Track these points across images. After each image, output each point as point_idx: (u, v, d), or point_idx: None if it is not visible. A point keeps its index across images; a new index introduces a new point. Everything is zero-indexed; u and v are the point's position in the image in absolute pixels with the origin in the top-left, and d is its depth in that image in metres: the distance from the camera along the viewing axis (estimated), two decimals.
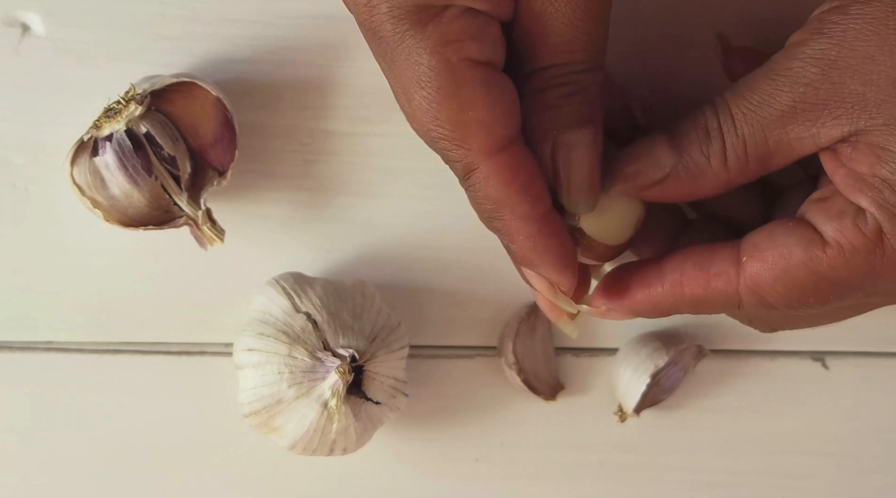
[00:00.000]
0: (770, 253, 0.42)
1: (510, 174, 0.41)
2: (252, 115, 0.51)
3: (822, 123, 0.41)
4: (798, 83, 0.41)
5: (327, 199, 0.52)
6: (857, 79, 0.40)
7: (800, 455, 0.55)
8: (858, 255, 0.41)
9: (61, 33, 0.50)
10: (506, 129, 0.41)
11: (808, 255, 0.42)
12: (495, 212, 0.42)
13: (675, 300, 0.44)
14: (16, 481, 0.53)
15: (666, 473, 0.55)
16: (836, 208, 0.42)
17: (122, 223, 0.48)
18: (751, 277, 0.43)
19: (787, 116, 0.41)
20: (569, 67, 0.42)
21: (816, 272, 0.42)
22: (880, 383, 0.55)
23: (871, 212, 0.41)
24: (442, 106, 0.41)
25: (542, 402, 0.54)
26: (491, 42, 0.41)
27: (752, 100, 0.42)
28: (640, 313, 0.45)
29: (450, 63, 0.40)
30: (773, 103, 0.42)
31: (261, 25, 0.51)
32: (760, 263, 0.42)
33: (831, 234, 0.42)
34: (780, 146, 0.42)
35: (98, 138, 0.48)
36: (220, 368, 0.53)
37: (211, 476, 0.54)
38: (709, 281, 0.43)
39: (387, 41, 0.41)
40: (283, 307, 0.49)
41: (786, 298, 0.42)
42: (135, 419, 0.53)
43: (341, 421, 0.48)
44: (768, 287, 0.42)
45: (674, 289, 0.44)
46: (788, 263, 0.42)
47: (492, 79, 0.41)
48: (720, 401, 0.55)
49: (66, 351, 0.53)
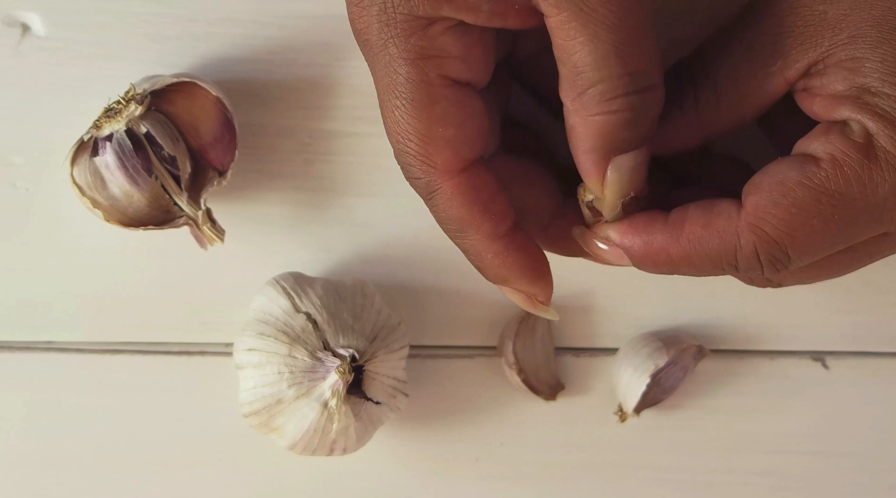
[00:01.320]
0: (766, 183, 0.41)
1: (472, 194, 0.41)
2: (252, 115, 0.51)
3: (787, 54, 0.41)
4: (763, 16, 0.41)
5: (327, 199, 0.52)
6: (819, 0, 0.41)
7: (800, 455, 0.55)
8: (852, 161, 0.40)
9: (61, 33, 0.50)
10: (472, 151, 0.41)
11: (804, 172, 0.41)
12: (460, 231, 0.42)
13: (672, 239, 0.42)
14: (16, 481, 0.53)
15: (666, 473, 0.55)
16: (819, 131, 0.42)
17: (122, 223, 0.48)
18: (750, 210, 0.41)
19: (753, 51, 0.41)
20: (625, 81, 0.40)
21: (814, 187, 0.41)
22: (880, 383, 0.55)
23: (855, 118, 0.40)
24: (413, 118, 0.40)
25: (542, 402, 0.54)
26: (475, 61, 0.41)
27: (717, 45, 0.42)
28: (635, 255, 0.43)
29: (427, 78, 0.40)
30: (738, 41, 0.42)
31: (261, 25, 0.51)
32: (758, 195, 0.41)
33: (821, 148, 0.41)
34: (751, 86, 0.42)
35: (98, 138, 0.48)
36: (220, 368, 0.53)
37: (211, 476, 0.54)
38: (709, 219, 0.42)
39: (370, 45, 0.41)
40: (283, 307, 0.49)
41: (787, 224, 0.41)
42: (135, 419, 0.53)
43: (341, 421, 0.48)
44: (769, 216, 0.41)
45: (674, 228, 0.42)
46: (786, 186, 0.41)
47: (466, 100, 0.41)
48: (720, 401, 0.55)
49: (66, 351, 0.53)
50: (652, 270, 0.44)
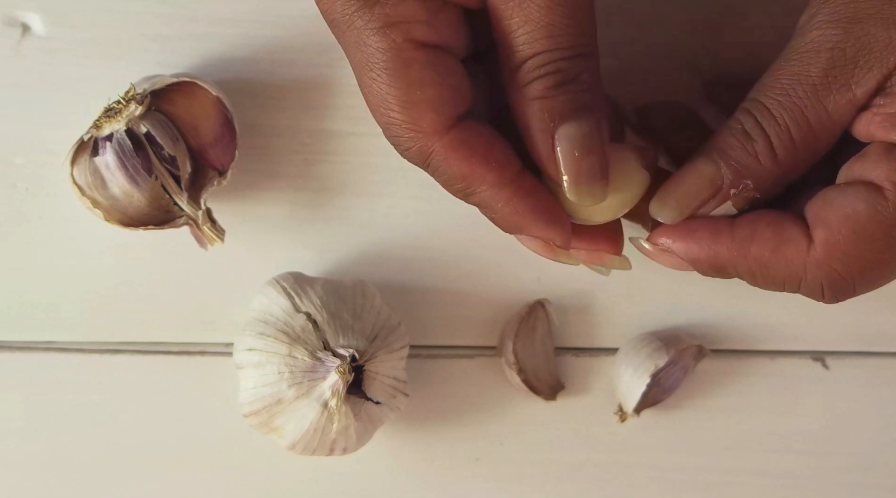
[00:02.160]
0: (833, 217, 0.41)
1: (467, 148, 0.41)
2: (252, 115, 0.51)
3: (855, 81, 0.40)
4: (823, 50, 0.40)
5: (327, 199, 0.52)
6: (879, 24, 0.40)
7: (800, 455, 0.55)
8: None
9: (61, 33, 0.50)
10: (455, 108, 0.41)
11: (872, 205, 0.40)
12: (467, 188, 0.42)
13: (738, 256, 0.42)
14: (16, 481, 0.53)
15: (666, 473, 0.55)
16: (878, 154, 0.41)
17: (122, 223, 0.48)
18: (820, 245, 0.41)
19: (822, 88, 0.41)
20: (554, 54, 0.41)
21: (884, 221, 0.40)
22: (880, 383, 0.55)
23: None
24: (390, 87, 0.41)
25: (542, 402, 0.54)
26: (443, 25, 0.41)
27: (781, 85, 0.41)
28: (697, 263, 0.43)
29: (395, 43, 0.40)
30: (803, 80, 0.41)
31: (261, 25, 0.51)
32: (827, 230, 0.41)
33: (884, 176, 0.40)
34: (822, 122, 0.41)
35: (98, 138, 0.48)
36: (220, 368, 0.53)
37: (211, 476, 0.54)
38: (779, 245, 0.42)
39: (337, 23, 0.41)
40: (283, 307, 0.49)
41: (859, 259, 0.41)
42: (135, 419, 0.53)
43: (341, 421, 0.48)
44: (840, 253, 0.41)
45: (741, 245, 0.42)
46: (855, 221, 0.41)
47: (438, 60, 0.41)
48: (720, 401, 0.55)
49: (66, 351, 0.53)
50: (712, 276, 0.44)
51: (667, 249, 0.44)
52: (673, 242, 0.44)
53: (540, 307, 0.53)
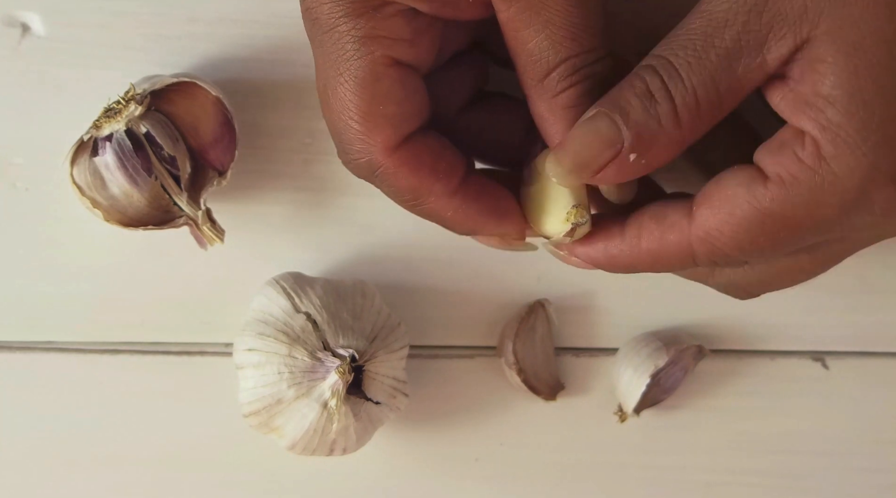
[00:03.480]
0: (716, 198, 0.41)
1: (417, 162, 0.42)
2: (252, 115, 0.51)
3: (767, 48, 0.39)
4: (740, 12, 0.39)
5: (327, 199, 0.52)
6: None
7: (800, 455, 0.55)
8: (799, 184, 0.39)
9: (61, 33, 0.50)
10: (410, 127, 0.42)
11: (750, 192, 0.40)
12: (415, 199, 0.43)
13: (632, 254, 0.43)
14: (16, 481, 0.53)
15: (666, 473, 0.55)
16: (779, 142, 0.40)
17: (122, 223, 0.48)
18: (699, 225, 0.41)
19: (734, 52, 0.39)
20: (581, 59, 0.41)
21: (759, 209, 0.40)
22: (880, 383, 0.55)
23: (811, 133, 0.39)
24: (356, 95, 0.41)
25: (542, 402, 0.54)
26: (422, 46, 0.42)
27: (693, 46, 0.39)
28: (600, 265, 0.44)
29: (374, 57, 0.41)
30: (716, 43, 0.39)
31: (261, 25, 0.51)
32: (708, 208, 0.41)
33: (771, 167, 0.40)
34: (731, 86, 0.40)
35: (98, 138, 0.48)
36: (220, 368, 0.53)
37: (211, 476, 0.54)
38: (663, 233, 0.42)
39: (320, 23, 0.41)
40: (283, 307, 0.49)
41: (735, 241, 0.41)
42: (135, 419, 0.53)
43: (341, 421, 0.48)
44: (716, 232, 0.41)
45: (631, 243, 0.43)
46: (732, 205, 0.41)
47: (407, 78, 0.41)
48: (720, 401, 0.55)
49: (66, 351, 0.53)
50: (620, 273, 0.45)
51: (569, 254, 0.45)
52: (573, 247, 0.44)
53: (540, 307, 0.53)
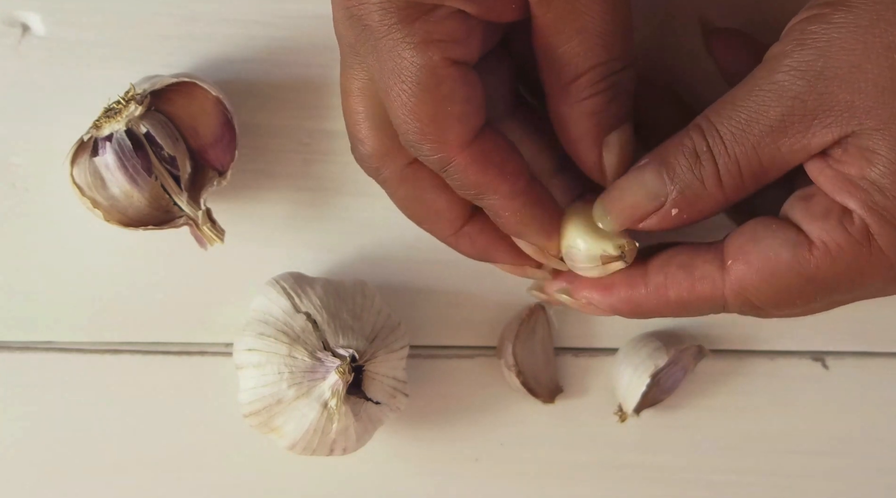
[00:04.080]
0: (755, 256, 0.42)
1: (486, 160, 0.43)
2: (252, 115, 0.51)
3: (812, 133, 0.41)
4: (785, 96, 0.41)
5: (327, 199, 0.52)
6: (844, 88, 0.40)
7: (800, 455, 0.55)
8: (845, 255, 0.41)
9: (61, 33, 0.50)
10: (479, 120, 0.42)
11: (795, 257, 0.41)
12: (479, 195, 0.43)
13: (659, 303, 0.44)
14: (16, 481, 0.53)
15: (666, 473, 0.55)
16: (821, 208, 0.42)
17: (122, 223, 0.48)
18: (736, 280, 0.42)
19: (777, 131, 0.41)
20: (609, 66, 0.42)
21: (803, 274, 0.41)
22: (880, 383, 0.55)
23: (859, 213, 0.41)
24: (420, 101, 0.41)
25: (541, 403, 0.54)
26: (474, 43, 0.42)
27: (739, 117, 0.41)
28: (621, 313, 0.45)
29: (432, 61, 0.41)
30: (761, 120, 0.41)
31: (261, 25, 0.51)
32: (746, 266, 0.42)
33: (817, 234, 0.41)
34: (774, 161, 0.42)
35: (98, 138, 0.48)
36: (220, 368, 0.53)
37: (211, 476, 0.54)
38: (693, 285, 0.43)
39: (371, 31, 0.41)
40: (283, 307, 0.49)
41: (773, 299, 0.42)
42: (135, 419, 0.53)
43: (341, 421, 0.48)
44: (754, 290, 0.42)
45: (658, 292, 0.44)
46: (775, 266, 0.42)
47: (467, 76, 0.42)
48: (720, 401, 0.55)
49: (66, 351, 0.53)
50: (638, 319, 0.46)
51: (588, 302, 0.45)
52: (592, 296, 0.45)
53: (540, 310, 0.53)
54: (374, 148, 0.45)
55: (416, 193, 0.45)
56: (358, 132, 0.45)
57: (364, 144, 0.45)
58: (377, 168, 0.45)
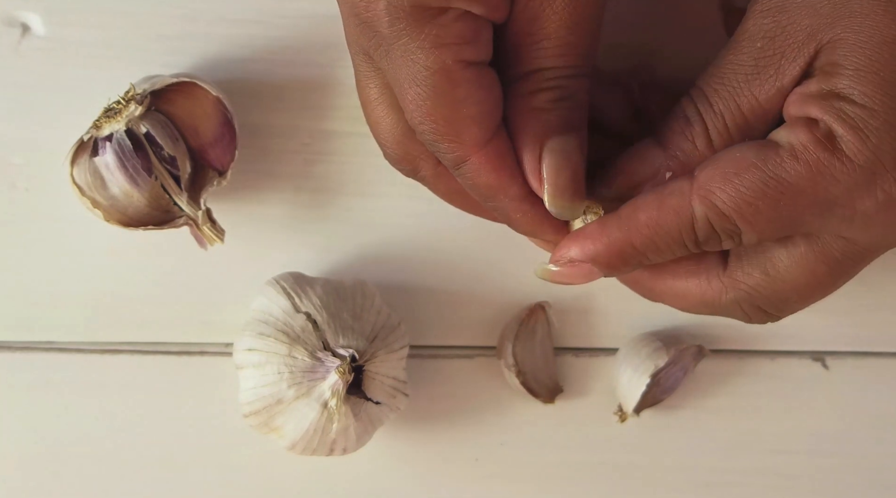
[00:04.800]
0: (722, 159, 0.42)
1: (499, 161, 0.43)
2: (252, 115, 0.51)
3: (782, 72, 0.42)
4: (755, 39, 0.42)
5: (327, 199, 0.52)
6: (803, 13, 0.41)
7: (800, 455, 0.55)
8: (810, 155, 0.41)
9: (61, 33, 0.50)
10: (495, 121, 0.43)
11: (759, 155, 0.41)
12: (490, 196, 0.44)
13: (631, 230, 0.43)
14: (16, 481, 0.53)
15: (666, 474, 0.55)
16: (788, 122, 0.42)
17: (122, 223, 0.48)
18: (700, 182, 0.42)
19: (752, 78, 0.42)
20: (560, 71, 0.42)
21: (766, 172, 0.41)
22: (880, 383, 0.55)
23: (822, 118, 0.41)
24: (436, 104, 0.41)
25: (541, 403, 0.54)
26: (484, 44, 0.42)
27: (720, 74, 0.43)
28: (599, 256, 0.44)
29: (445, 64, 0.41)
30: (738, 69, 0.42)
31: (261, 25, 0.51)
32: (712, 168, 0.42)
33: (784, 138, 0.41)
34: (754, 111, 0.42)
35: (98, 138, 0.48)
36: (220, 368, 0.53)
37: (211, 476, 0.54)
38: (662, 199, 0.43)
39: (382, 37, 0.41)
40: (283, 307, 0.49)
41: (734, 200, 0.41)
42: (134, 419, 0.53)
43: (341, 421, 0.48)
44: (717, 189, 0.41)
45: (629, 220, 0.43)
46: (738, 164, 0.41)
47: (482, 76, 0.42)
48: (720, 401, 0.55)
49: (66, 351, 0.53)
50: (623, 270, 0.44)
51: (569, 259, 0.44)
52: (570, 249, 0.44)
53: (540, 310, 0.53)
54: (404, 152, 0.45)
55: (458, 186, 0.45)
56: (385, 140, 0.45)
57: (394, 150, 0.45)
58: (412, 169, 0.45)
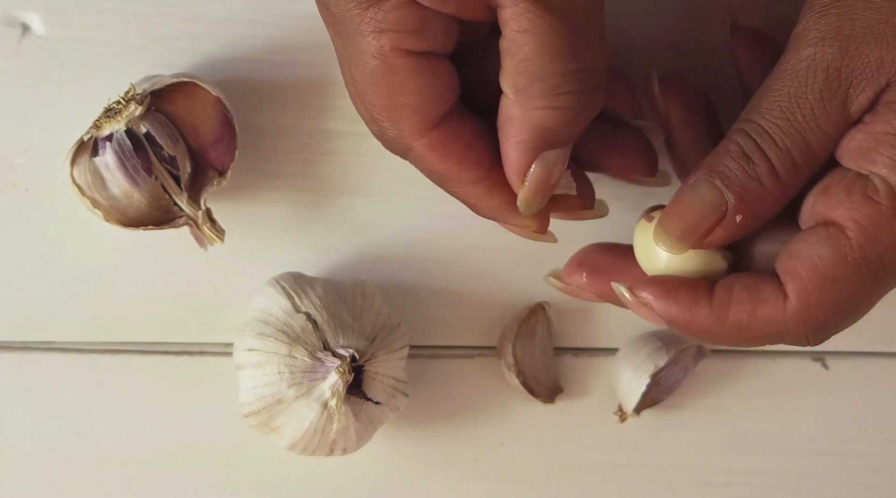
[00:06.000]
0: (802, 268, 0.41)
1: (445, 149, 0.42)
2: (252, 115, 0.51)
3: (850, 102, 0.40)
4: (818, 70, 0.40)
5: (327, 199, 0.52)
6: (872, 44, 0.39)
7: (800, 455, 0.55)
8: (881, 225, 0.40)
9: (61, 33, 0.50)
10: (438, 110, 0.42)
11: (836, 250, 0.40)
12: (442, 183, 0.44)
13: (717, 321, 0.42)
14: (16, 481, 0.53)
15: (666, 474, 0.55)
16: (842, 189, 0.41)
17: (122, 223, 0.48)
18: (796, 299, 0.41)
19: (819, 110, 0.40)
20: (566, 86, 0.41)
21: (851, 262, 0.40)
22: (880, 383, 0.55)
23: (881, 173, 0.40)
24: (374, 89, 0.41)
25: (541, 403, 0.54)
26: (432, 34, 0.41)
27: (779, 106, 0.41)
28: (675, 325, 0.43)
29: (383, 50, 0.41)
30: (801, 103, 0.40)
31: (261, 25, 0.51)
32: (798, 281, 0.41)
33: (846, 215, 0.40)
34: (821, 141, 0.41)
35: (98, 138, 0.48)
36: (220, 368, 0.53)
37: (211, 476, 0.54)
38: (755, 307, 0.42)
39: (336, 18, 0.41)
40: (283, 307, 0.49)
41: (835, 305, 0.41)
42: (135, 419, 0.53)
43: (341, 421, 0.48)
44: (815, 302, 0.41)
45: (719, 309, 0.42)
46: (824, 269, 0.40)
47: (424, 65, 0.41)
48: (720, 401, 0.55)
49: (66, 351, 0.53)
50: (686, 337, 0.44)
51: (646, 304, 0.44)
52: (653, 300, 0.43)
53: (540, 310, 0.53)
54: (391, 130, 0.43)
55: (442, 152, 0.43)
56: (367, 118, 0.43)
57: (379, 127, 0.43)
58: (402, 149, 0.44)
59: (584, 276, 0.47)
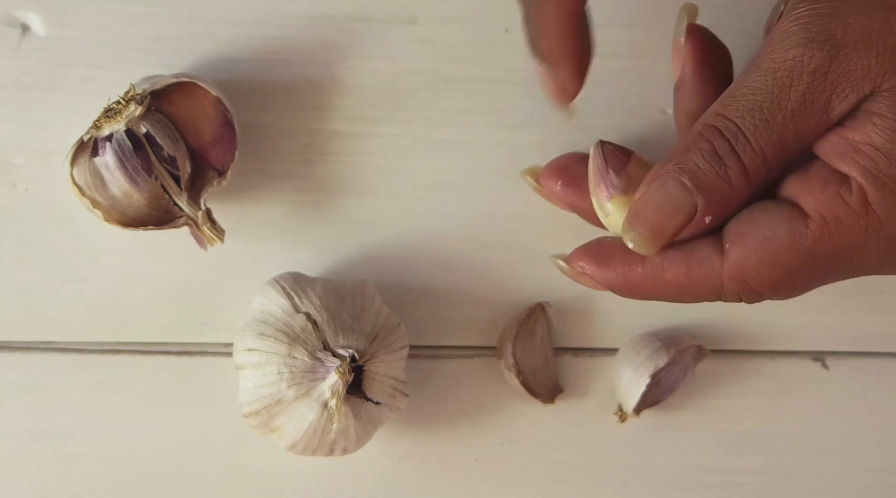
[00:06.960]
0: (752, 237, 0.41)
1: None
2: (252, 115, 0.51)
3: (832, 108, 0.40)
4: (804, 72, 0.39)
5: (327, 199, 0.52)
6: (862, 51, 0.39)
7: (800, 455, 0.55)
8: (843, 227, 0.40)
9: (61, 33, 0.50)
10: None
11: (792, 233, 0.40)
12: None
13: (654, 283, 0.43)
14: (16, 481, 0.53)
15: (666, 474, 0.55)
16: (819, 180, 0.40)
17: (122, 223, 0.48)
18: (735, 264, 0.41)
19: (799, 114, 0.40)
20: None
21: (801, 250, 0.40)
22: (880, 383, 0.55)
23: (858, 179, 0.40)
24: None
25: (541, 403, 0.54)
26: None
27: (760, 107, 0.40)
28: (615, 289, 0.44)
29: None
30: (782, 104, 0.40)
31: (261, 25, 0.51)
32: (744, 248, 0.41)
33: (814, 207, 0.40)
34: (797, 143, 0.40)
35: (98, 138, 0.48)
36: (220, 368, 0.53)
37: (211, 476, 0.54)
38: (691, 267, 0.42)
39: None
40: (282, 307, 0.49)
41: (770, 280, 0.41)
42: (135, 419, 0.53)
43: (341, 421, 0.48)
44: (753, 272, 0.41)
45: (654, 271, 0.42)
46: (773, 245, 0.40)
47: None
48: (720, 401, 0.55)
49: (66, 351, 0.53)
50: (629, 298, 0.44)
51: (583, 273, 0.44)
52: (588, 267, 0.44)
53: (540, 310, 0.53)
54: None
55: None
56: None
57: None
58: None
59: (560, 184, 0.47)
